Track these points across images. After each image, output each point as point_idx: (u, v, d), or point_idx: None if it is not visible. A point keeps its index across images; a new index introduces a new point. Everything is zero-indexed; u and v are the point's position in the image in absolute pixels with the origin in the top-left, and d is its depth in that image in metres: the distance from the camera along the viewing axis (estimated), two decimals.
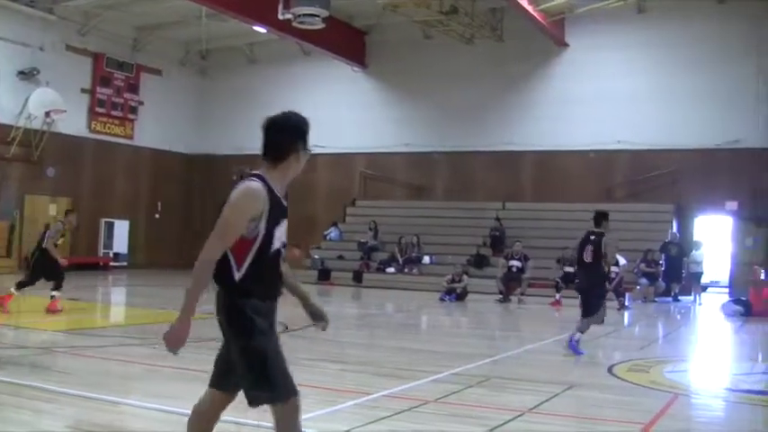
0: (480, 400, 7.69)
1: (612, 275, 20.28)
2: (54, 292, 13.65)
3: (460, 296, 20.41)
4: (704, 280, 23.67)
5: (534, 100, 27.24)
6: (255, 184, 4.03)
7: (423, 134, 28.57)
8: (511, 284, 20.92)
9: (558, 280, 20.18)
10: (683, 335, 16.39)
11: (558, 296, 19.81)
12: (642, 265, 22.59)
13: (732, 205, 24.21)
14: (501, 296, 20.64)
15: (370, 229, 26.92)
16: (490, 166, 27.37)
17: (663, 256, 23.09)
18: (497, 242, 25.10)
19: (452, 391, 7.88)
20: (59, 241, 14.23)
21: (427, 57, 28.35)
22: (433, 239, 26.14)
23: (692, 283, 23.05)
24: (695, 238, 24.40)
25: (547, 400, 7.53)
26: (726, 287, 24.21)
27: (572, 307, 18.86)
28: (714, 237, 24.67)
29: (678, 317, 19.60)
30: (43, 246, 13.75)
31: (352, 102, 29.86)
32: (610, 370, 9.60)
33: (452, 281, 20.72)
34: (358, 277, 25.20)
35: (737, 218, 24.40)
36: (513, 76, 27.34)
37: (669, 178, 25.12)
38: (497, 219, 25.89)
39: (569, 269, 20.06)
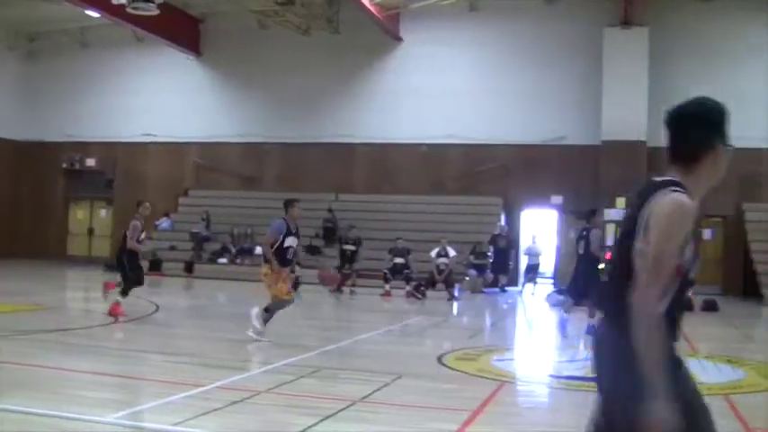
0: (313, 390, 7.65)
1: (442, 267, 20.82)
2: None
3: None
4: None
5: (369, 93, 27.42)
6: (686, 199, 2.99)
7: (256, 124, 28.21)
8: (343, 274, 20.90)
9: (387, 271, 20.38)
10: (510, 325, 16.92)
11: (387, 287, 20.01)
12: (471, 257, 23.15)
13: (557, 199, 25.20)
14: (335, 287, 20.63)
15: (203, 219, 26.40)
16: (323, 158, 27.34)
17: (491, 249, 23.75)
18: (330, 233, 25.15)
19: (285, 382, 7.79)
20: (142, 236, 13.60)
21: (262, 47, 28.01)
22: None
23: (529, 274, 23.83)
24: (533, 231, 25.18)
25: (378, 390, 7.54)
26: (551, 278, 25.22)
27: (401, 297, 19.32)
28: (541, 230, 25.54)
29: (505, 307, 20.17)
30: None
31: (186, 90, 29.11)
32: (439, 359, 9.73)
33: None
34: (189, 268, 24.67)
35: (562, 211, 25.41)
36: (349, 68, 27.42)
37: (498, 173, 25.86)
38: (330, 210, 25.91)
39: (399, 260, 20.38)
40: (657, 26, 24.67)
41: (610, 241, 23.86)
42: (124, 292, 12.84)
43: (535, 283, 23.57)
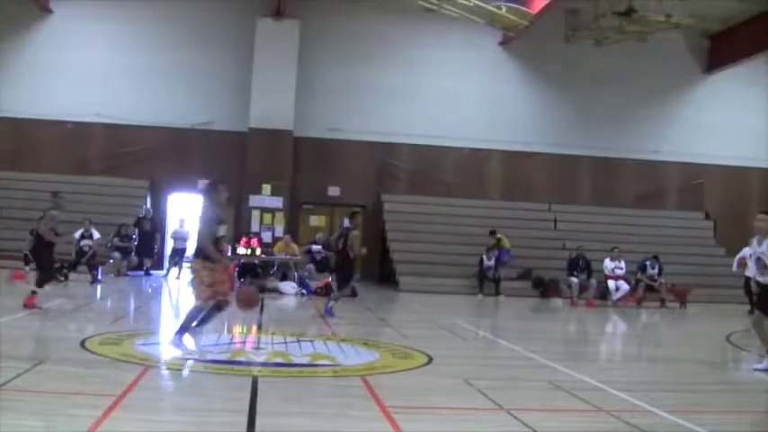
0: None
1: (85, 249, 20.19)
2: None
3: None
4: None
5: (12, 65, 25.66)
6: None
7: None
8: None
9: (28, 252, 19.32)
10: (155, 308, 16.85)
11: (27, 268, 18.99)
12: (115, 240, 22.66)
13: (204, 184, 25.31)
14: None
15: None
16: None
17: (136, 231, 23.40)
18: None
19: None
20: None
21: None
22: None
23: (174, 258, 23.73)
24: (180, 214, 25.06)
25: (18, 376, 7.27)
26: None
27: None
28: (188, 214, 25.56)
29: (150, 291, 20.02)
30: None
31: None
32: (82, 344, 9.55)
33: None
34: None
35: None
36: None
37: (145, 154, 25.54)
38: None
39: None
40: (309, 20, 25.70)
41: (255, 227, 24.74)
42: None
43: (180, 267, 23.59)
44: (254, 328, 12.80)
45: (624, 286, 22.05)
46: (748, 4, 25.84)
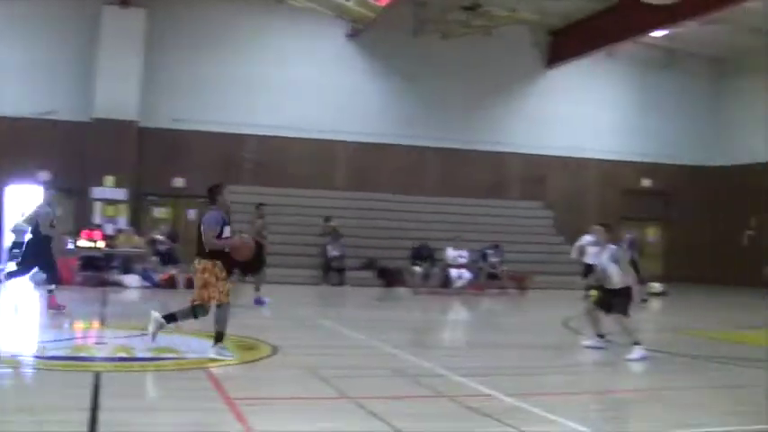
0: None
1: None
2: None
3: None
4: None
5: None
6: None
7: None
8: None
9: None
10: None
11: None
12: None
13: (44, 175, 24.29)
14: None
15: None
16: None
17: None
18: None
19: None
20: None
21: None
22: None
23: (14, 251, 22.64)
24: (21, 207, 23.89)
25: None
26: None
27: None
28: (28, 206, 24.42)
29: None
30: None
31: None
32: None
33: None
34: None
35: (50, 188, 24.52)
36: None
37: None
38: None
39: None
40: (156, 8, 25.07)
41: (98, 219, 23.95)
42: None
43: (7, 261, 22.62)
44: (96, 323, 12.44)
45: (466, 274, 22.57)
46: (588, 2, 26.91)
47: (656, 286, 23.87)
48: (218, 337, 9.21)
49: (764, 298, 14.90)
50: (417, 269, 22.42)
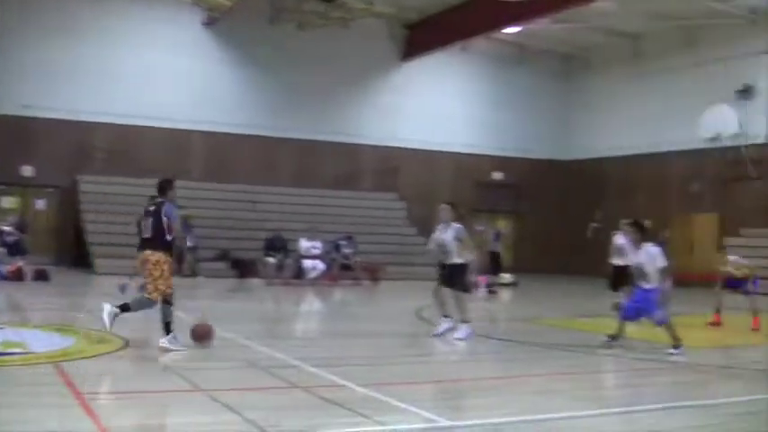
0: None
1: None
2: None
3: None
4: None
5: None
6: None
7: None
8: None
9: None
10: None
11: None
12: None
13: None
14: None
15: None
16: None
17: None
18: None
19: None
20: None
21: None
22: None
23: None
24: None
25: None
26: None
27: None
28: None
29: None
30: None
31: None
32: None
33: None
34: None
35: None
36: None
37: None
38: None
39: None
40: None
41: None
42: None
43: None
44: None
45: (320, 265, 22.69)
46: None
47: (507, 277, 24.66)
48: (168, 328, 9.51)
49: (607, 288, 15.66)
50: (271, 260, 22.38)
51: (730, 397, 8.03)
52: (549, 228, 31.53)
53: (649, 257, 10.79)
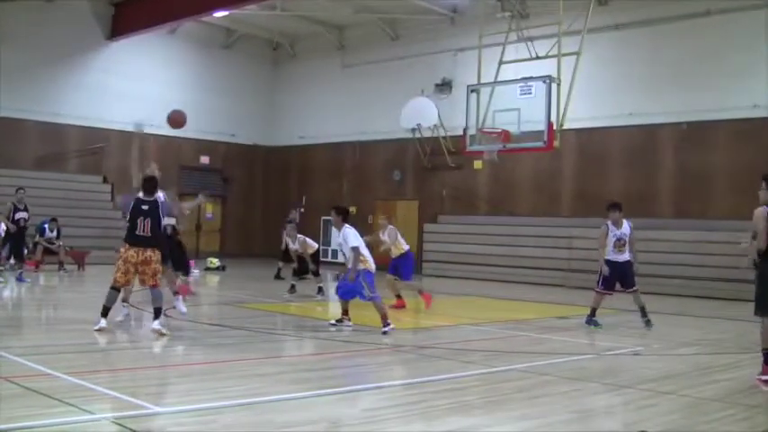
0: None
1: None
2: None
3: None
4: None
5: None
6: None
7: None
8: None
9: None
10: None
11: None
12: None
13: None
14: None
15: None
16: None
17: None
18: None
19: None
20: None
21: None
22: None
23: None
24: None
25: None
26: None
27: None
28: None
29: None
30: None
31: None
32: None
33: None
34: None
35: None
36: None
37: None
38: None
39: None
40: None
41: None
42: None
43: None
44: None
45: None
46: None
47: (215, 261, 24.83)
48: (158, 313, 10.78)
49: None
50: None
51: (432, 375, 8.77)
52: (254, 212, 32.08)
53: (343, 239, 11.52)
